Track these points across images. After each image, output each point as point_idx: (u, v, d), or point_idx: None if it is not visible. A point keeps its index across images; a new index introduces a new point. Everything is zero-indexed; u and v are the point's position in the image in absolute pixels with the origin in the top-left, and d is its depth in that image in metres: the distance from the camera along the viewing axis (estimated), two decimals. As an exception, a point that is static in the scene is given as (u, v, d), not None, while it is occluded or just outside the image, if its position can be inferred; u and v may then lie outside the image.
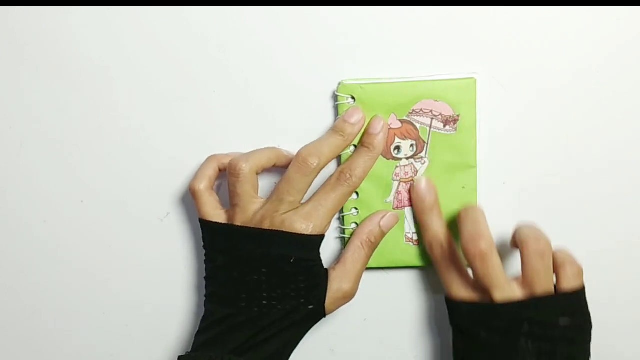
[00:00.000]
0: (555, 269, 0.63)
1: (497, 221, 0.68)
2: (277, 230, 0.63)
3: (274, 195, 0.64)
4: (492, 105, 0.67)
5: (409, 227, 0.68)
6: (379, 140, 0.65)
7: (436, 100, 0.65)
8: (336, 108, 0.67)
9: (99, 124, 0.71)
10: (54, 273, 0.74)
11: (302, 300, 0.64)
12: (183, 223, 0.73)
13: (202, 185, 0.67)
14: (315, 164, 0.63)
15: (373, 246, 0.67)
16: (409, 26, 0.66)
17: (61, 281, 0.75)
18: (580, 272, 0.63)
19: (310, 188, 0.66)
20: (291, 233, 0.63)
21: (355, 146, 0.67)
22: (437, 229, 0.66)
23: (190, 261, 0.74)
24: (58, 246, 0.74)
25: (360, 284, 0.70)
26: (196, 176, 0.68)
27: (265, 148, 0.68)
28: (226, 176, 0.67)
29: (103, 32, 0.69)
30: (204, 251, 0.68)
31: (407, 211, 0.68)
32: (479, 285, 0.63)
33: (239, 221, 0.65)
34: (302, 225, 0.63)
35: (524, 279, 0.62)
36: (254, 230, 0.64)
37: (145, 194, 0.72)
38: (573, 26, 0.66)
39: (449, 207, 0.67)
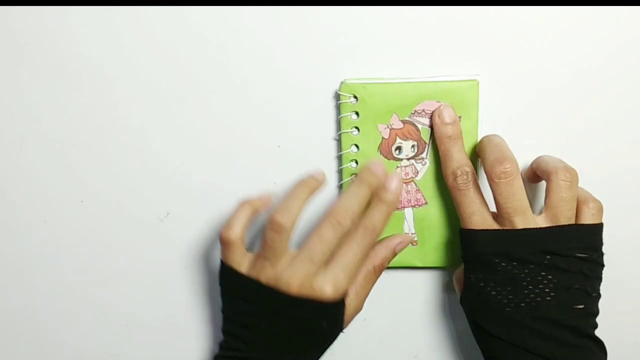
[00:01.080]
0: (578, 205, 0.63)
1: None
2: (307, 299, 0.62)
3: (304, 252, 0.63)
4: (493, 106, 0.67)
5: (409, 227, 0.68)
6: (396, 197, 0.64)
7: (438, 102, 0.65)
8: (338, 107, 0.67)
9: (99, 124, 0.71)
10: (54, 273, 0.74)
11: (327, 344, 0.66)
12: (183, 223, 0.73)
13: (236, 235, 0.65)
14: (349, 224, 0.63)
15: (383, 270, 0.67)
16: (409, 26, 0.66)
17: (61, 281, 0.75)
18: (601, 209, 0.63)
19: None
20: (322, 302, 0.62)
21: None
22: (463, 157, 0.64)
23: (190, 261, 0.74)
24: (58, 246, 0.74)
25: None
26: (229, 224, 0.65)
27: (297, 194, 0.65)
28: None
29: (103, 32, 0.68)
30: (220, 289, 0.67)
31: (407, 212, 0.68)
32: (499, 215, 0.62)
33: (265, 276, 0.63)
34: (332, 291, 0.62)
35: (548, 208, 0.61)
36: (283, 295, 0.62)
37: (145, 194, 0.72)
38: (573, 26, 0.66)
39: (449, 209, 0.68)
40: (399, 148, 0.67)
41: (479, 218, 0.62)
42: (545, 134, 0.68)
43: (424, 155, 0.67)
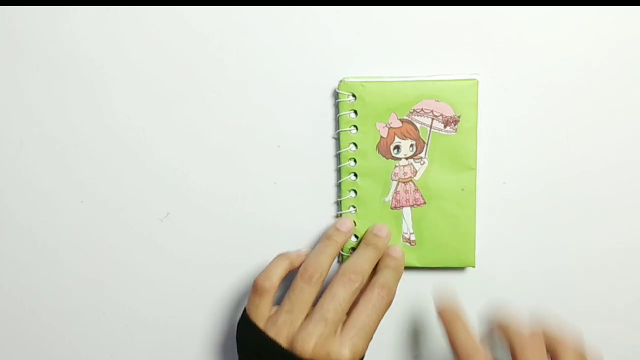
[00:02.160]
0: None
1: (497, 221, 0.69)
2: None
3: (318, 313, 0.62)
4: (493, 106, 0.67)
5: (407, 227, 0.68)
6: (402, 262, 0.67)
7: (437, 101, 0.65)
8: (337, 106, 0.67)
9: (99, 124, 0.71)
10: (54, 273, 0.74)
11: None
12: (183, 223, 0.73)
13: (272, 284, 0.64)
14: (361, 281, 0.63)
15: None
16: (410, 26, 0.66)
17: (61, 281, 0.75)
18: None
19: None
20: None
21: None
22: (471, 347, 0.60)
23: (190, 261, 0.74)
24: (58, 246, 0.74)
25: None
26: (267, 272, 0.65)
27: (326, 251, 0.66)
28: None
29: (103, 32, 0.68)
30: (237, 343, 0.66)
31: (405, 211, 0.68)
32: None
33: (283, 336, 0.62)
34: (350, 357, 0.61)
35: None
36: (299, 359, 0.61)
37: (145, 194, 0.72)
38: (573, 26, 0.65)
39: (448, 209, 0.67)
40: (397, 147, 0.66)
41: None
42: (545, 134, 0.68)
43: (422, 154, 0.66)
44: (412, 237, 0.68)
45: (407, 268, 0.70)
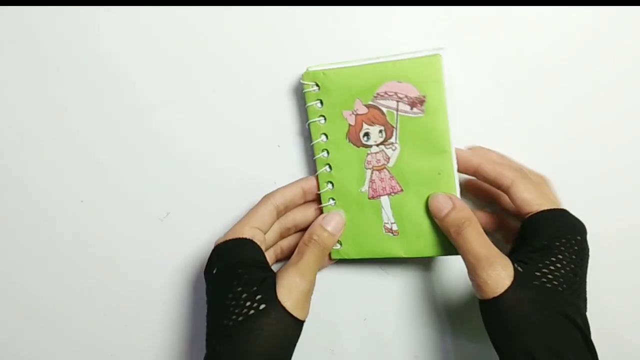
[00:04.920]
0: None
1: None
2: None
3: None
4: (493, 106, 0.66)
5: (387, 217, 0.65)
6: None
7: (400, 82, 0.61)
8: (303, 96, 0.65)
9: (98, 124, 0.72)
10: (54, 273, 0.76)
11: None
12: (183, 223, 0.73)
13: (251, 233, 0.63)
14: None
15: (316, 244, 0.64)
16: (410, 26, 0.65)
17: (61, 281, 0.76)
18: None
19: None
20: None
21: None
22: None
23: (190, 261, 0.74)
24: (58, 246, 0.75)
25: (360, 283, 0.71)
26: (249, 218, 0.64)
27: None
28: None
29: (105, 33, 0.70)
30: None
31: (384, 200, 0.65)
32: None
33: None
34: None
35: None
36: None
37: (145, 194, 0.73)
38: (573, 26, 0.64)
39: (426, 195, 0.63)
40: (366, 134, 0.63)
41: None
42: (545, 133, 0.67)
43: (393, 139, 0.63)
44: (394, 227, 0.65)
45: (395, 260, 0.69)
